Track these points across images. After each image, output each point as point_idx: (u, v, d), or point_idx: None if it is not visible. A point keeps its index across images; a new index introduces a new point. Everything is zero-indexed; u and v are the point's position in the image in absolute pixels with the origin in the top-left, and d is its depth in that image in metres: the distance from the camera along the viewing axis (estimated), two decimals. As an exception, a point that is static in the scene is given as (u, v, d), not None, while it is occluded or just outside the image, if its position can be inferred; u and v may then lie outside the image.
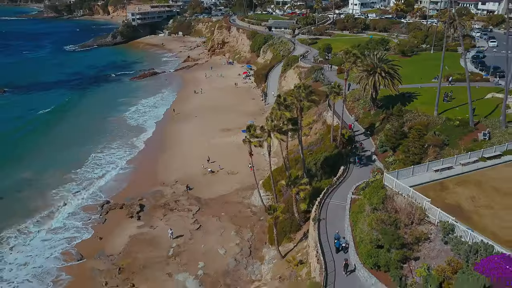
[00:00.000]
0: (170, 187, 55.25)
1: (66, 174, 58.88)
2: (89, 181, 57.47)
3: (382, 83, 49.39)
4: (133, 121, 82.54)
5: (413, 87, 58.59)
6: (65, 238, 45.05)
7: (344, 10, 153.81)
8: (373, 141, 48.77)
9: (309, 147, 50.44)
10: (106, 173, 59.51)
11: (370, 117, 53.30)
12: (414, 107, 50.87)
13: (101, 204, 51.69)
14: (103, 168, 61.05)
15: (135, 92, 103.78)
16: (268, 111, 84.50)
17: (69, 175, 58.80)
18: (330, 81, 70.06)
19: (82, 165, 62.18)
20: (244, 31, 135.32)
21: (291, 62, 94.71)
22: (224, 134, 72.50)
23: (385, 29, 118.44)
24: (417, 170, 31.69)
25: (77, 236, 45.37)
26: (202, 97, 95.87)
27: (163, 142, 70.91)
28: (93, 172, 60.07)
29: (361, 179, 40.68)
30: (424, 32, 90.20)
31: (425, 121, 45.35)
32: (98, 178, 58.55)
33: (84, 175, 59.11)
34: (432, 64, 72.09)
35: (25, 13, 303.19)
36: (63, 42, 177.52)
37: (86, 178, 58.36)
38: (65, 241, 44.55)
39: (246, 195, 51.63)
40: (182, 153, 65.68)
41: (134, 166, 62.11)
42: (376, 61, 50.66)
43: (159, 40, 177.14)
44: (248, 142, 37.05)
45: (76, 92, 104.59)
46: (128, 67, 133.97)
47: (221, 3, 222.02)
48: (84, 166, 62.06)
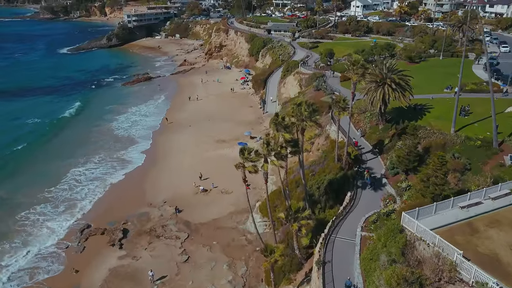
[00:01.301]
0: (158, 209, 50.24)
1: (40, 193, 53.36)
2: (66, 202, 52.05)
3: (392, 95, 44.41)
4: (121, 132, 76.90)
5: (424, 97, 53.54)
6: (34, 271, 39.96)
7: (346, 12, 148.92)
8: (382, 160, 43.79)
9: (311, 166, 45.45)
10: (87, 192, 54.18)
11: (378, 132, 48.31)
12: (427, 123, 45.88)
13: (80, 228, 46.66)
14: (83, 186, 55.59)
15: (125, 98, 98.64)
16: (266, 121, 79.91)
17: (43, 194, 53.33)
18: (333, 90, 65.18)
19: (59, 182, 56.53)
20: (242, 34, 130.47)
21: (291, 67, 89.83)
22: (219, 146, 67.51)
23: (388, 33, 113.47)
24: (440, 207, 26.74)
25: (50, 268, 40.29)
26: (197, 104, 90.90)
27: (153, 155, 65.84)
28: (71, 190, 54.58)
29: (371, 207, 35.80)
30: (431, 37, 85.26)
31: (441, 140, 40.39)
32: (77, 197, 53.07)
33: (61, 194, 53.58)
34: (442, 71, 67.21)
35: (21, 14, 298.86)
36: (57, 44, 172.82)
37: (63, 198, 52.85)
38: (34, 274, 39.46)
39: (241, 219, 46.62)
40: (173, 168, 60.69)
41: (120, 183, 56.97)
42: (385, 71, 45.68)
43: (155, 43, 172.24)
44: (242, 167, 32.02)
45: (63, 98, 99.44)
46: (122, 71, 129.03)
47: (220, 5, 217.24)
48: (62, 183, 56.42)
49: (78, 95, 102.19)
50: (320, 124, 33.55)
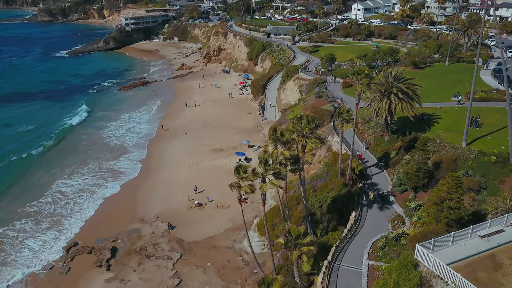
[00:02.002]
0: (150, 225, 47.32)
1: (21, 208, 49.99)
2: (50, 217, 48.75)
3: (399, 106, 41.61)
4: (112, 140, 73.59)
5: (431, 106, 50.72)
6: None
7: (347, 15, 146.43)
8: (388, 175, 40.95)
9: (312, 181, 42.61)
10: (73, 206, 50.87)
11: (384, 144, 45.49)
12: (436, 134, 43.08)
13: (67, 246, 43.74)
14: (69, 199, 52.30)
15: (119, 104, 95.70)
16: (265, 128, 77.10)
17: (24, 209, 50.01)
18: (335, 97, 62.41)
19: (42, 195, 53.07)
20: (241, 37, 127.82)
21: (291, 73, 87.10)
22: (216, 156, 64.63)
23: (391, 36, 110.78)
24: (458, 236, 23.87)
25: (31, 293, 37.38)
26: (194, 110, 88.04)
27: (146, 165, 62.86)
28: (56, 204, 51.19)
29: (378, 229, 33.03)
30: (436, 41, 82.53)
31: (452, 155, 37.55)
32: (62, 212, 49.65)
33: (44, 209, 50.23)
34: (449, 78, 64.41)
35: (19, 17, 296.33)
36: (54, 47, 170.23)
37: (47, 213, 49.50)
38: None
39: (237, 237, 43.72)
40: (167, 180, 57.76)
41: (110, 196, 54.01)
42: (391, 79, 42.90)
43: (153, 46, 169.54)
44: (237, 187, 29.21)
45: (55, 104, 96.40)
46: (118, 75, 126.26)
47: (219, 7, 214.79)
48: (45, 196, 52.95)
49: (71, 101, 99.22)
50: (322, 140, 30.70)
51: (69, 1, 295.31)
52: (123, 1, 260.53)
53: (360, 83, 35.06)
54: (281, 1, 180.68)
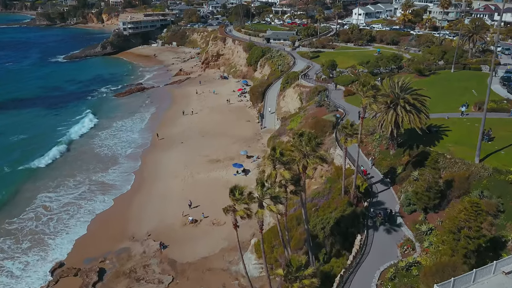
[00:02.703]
0: (141, 244, 44.54)
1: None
2: (31, 235, 45.47)
3: (406, 118, 38.95)
4: (103, 150, 70.54)
5: (438, 117, 48.06)
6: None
7: (348, 20, 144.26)
8: (395, 193, 38.23)
9: (314, 199, 39.88)
10: (56, 223, 47.57)
11: (389, 158, 42.79)
12: (445, 148, 40.39)
13: (51, 268, 40.92)
14: (54, 214, 48.98)
15: (114, 111, 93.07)
16: (264, 137, 74.42)
17: (3, 226, 46.74)
18: (337, 106, 59.77)
19: (23, 211, 49.58)
20: (240, 42, 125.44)
21: (290, 79, 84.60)
22: (212, 167, 61.91)
23: (393, 42, 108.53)
24: (480, 274, 21.14)
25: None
26: (191, 118, 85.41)
27: (140, 177, 60.13)
28: (38, 220, 47.75)
29: (386, 256, 30.29)
30: (441, 47, 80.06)
31: (465, 172, 34.85)
32: (45, 230, 46.27)
33: (25, 225, 46.75)
34: (456, 86, 61.83)
35: (18, 21, 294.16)
36: (51, 52, 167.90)
37: (28, 230, 46.07)
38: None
39: (233, 258, 40.93)
40: (161, 193, 55.00)
41: (99, 212, 51.19)
42: (397, 90, 40.29)
43: (151, 51, 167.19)
44: (232, 212, 26.49)
45: (50, 112, 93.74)
46: (114, 80, 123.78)
47: (219, 12, 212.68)
48: (27, 212, 49.35)
49: (64, 108, 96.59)
50: (325, 160, 28.00)
51: (68, 5, 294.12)
52: (122, 5, 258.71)
53: (366, 96, 32.44)
54: (280, 5, 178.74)
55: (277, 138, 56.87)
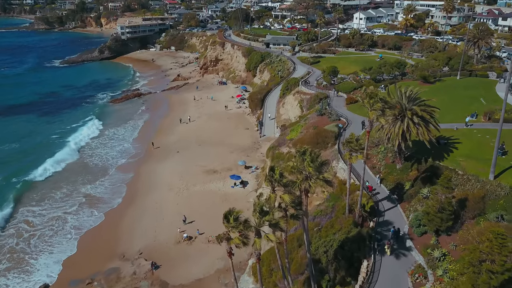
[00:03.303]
0: (131, 263, 41.85)
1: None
2: (10, 254, 42.39)
3: (414, 131, 36.41)
4: (94, 160, 67.56)
5: (447, 127, 45.45)
6: None
7: (348, 25, 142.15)
8: (403, 211, 35.57)
9: (316, 217, 37.22)
10: (37, 240, 44.42)
11: (396, 173, 40.17)
12: (456, 163, 37.83)
13: (35, 291, 38.19)
14: (37, 230, 45.79)
15: (109, 118, 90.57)
16: (263, 146, 71.80)
17: None
18: (339, 115, 57.21)
19: (4, 226, 46.66)
20: (239, 47, 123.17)
21: (290, 86, 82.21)
22: (209, 178, 59.28)
23: (395, 47, 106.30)
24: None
25: None
26: (188, 126, 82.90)
27: (132, 189, 57.38)
28: (19, 237, 44.51)
29: (395, 284, 27.60)
30: (446, 53, 77.67)
31: (480, 191, 32.24)
32: (25, 249, 43.14)
33: (6, 243, 43.67)
34: (463, 94, 59.33)
35: (16, 25, 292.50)
36: (48, 56, 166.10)
37: (9, 249, 43.06)
38: None
39: (229, 280, 38.26)
40: (154, 206, 52.35)
41: (88, 228, 48.42)
42: (405, 101, 37.77)
43: (149, 55, 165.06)
44: (226, 240, 23.88)
45: (42, 119, 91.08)
46: (111, 86, 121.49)
47: (218, 16, 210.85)
48: (8, 228, 46.33)
49: (58, 114, 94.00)
50: (330, 182, 25.39)
51: (66, 9, 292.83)
52: (120, 9, 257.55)
53: (373, 108, 29.90)
54: (280, 10, 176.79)
55: (276, 149, 54.28)
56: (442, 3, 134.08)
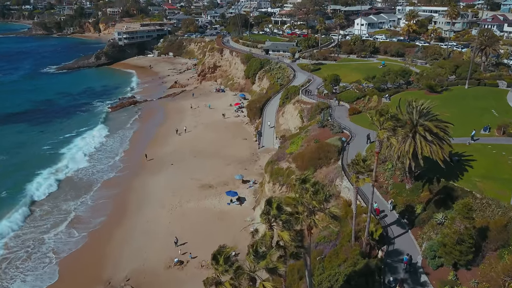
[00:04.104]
0: (117, 292, 38.33)
1: None
2: None
3: (427, 150, 33.14)
4: (78, 173, 63.51)
5: (458, 142, 42.12)
6: None
7: (350, 31, 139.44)
8: (415, 239, 32.19)
9: (319, 245, 33.85)
10: (8, 265, 40.63)
11: (405, 194, 36.82)
12: (471, 184, 34.56)
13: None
14: (12, 253, 41.85)
15: (102, 127, 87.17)
16: (262, 158, 68.51)
17: None
18: (342, 127, 53.96)
19: None
20: (238, 54, 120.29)
21: (290, 94, 79.03)
22: (203, 194, 55.86)
23: (398, 53, 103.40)
24: None
25: None
26: (184, 136, 79.60)
27: (120, 206, 53.82)
28: None
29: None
30: (453, 61, 74.56)
31: (502, 219, 28.88)
32: None
33: None
34: (472, 105, 56.07)
35: (14, 30, 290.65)
36: (44, 62, 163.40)
37: None
38: None
39: (223, 313, 34.56)
40: (144, 226, 48.84)
41: (70, 251, 44.76)
42: (416, 116, 34.54)
43: (146, 62, 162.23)
44: (215, 285, 20.44)
45: (34, 128, 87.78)
46: (106, 93, 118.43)
47: (217, 22, 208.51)
48: None
49: (50, 123, 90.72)
50: (337, 216, 21.94)
51: (65, 14, 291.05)
52: (119, 15, 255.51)
53: (383, 127, 26.64)
54: (280, 15, 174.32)
55: (275, 164, 50.95)
56: (445, 9, 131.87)
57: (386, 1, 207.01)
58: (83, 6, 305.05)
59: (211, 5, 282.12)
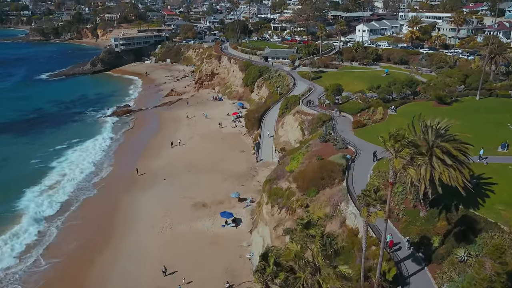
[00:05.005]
0: (95, 332, 34.17)
1: None
2: None
3: (446, 175, 29.19)
4: (56, 192, 59.34)
5: (473, 161, 38.16)
6: None
7: (351, 37, 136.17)
8: (432, 277, 28.13)
9: (322, 283, 29.65)
10: None
11: (420, 222, 32.77)
12: (494, 212, 30.66)
13: None
14: None
15: (93, 139, 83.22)
16: (260, 173, 64.30)
17: None
18: (346, 142, 50.00)
19: None
20: (236, 61, 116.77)
21: (290, 104, 75.34)
22: (197, 214, 51.77)
23: (401, 61, 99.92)
24: None
25: None
26: (178, 149, 75.62)
27: (106, 228, 49.57)
28: None
29: None
30: (461, 70, 70.83)
31: (537, 259, 24.81)
32: None
33: None
34: (486, 119, 52.12)
35: (12, 36, 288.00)
36: (39, 69, 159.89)
37: None
38: None
39: None
40: (130, 253, 44.61)
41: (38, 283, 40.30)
42: (432, 136, 30.63)
43: (143, 68, 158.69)
44: None
45: (23, 139, 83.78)
46: (101, 101, 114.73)
47: (216, 27, 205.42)
48: None
49: (40, 135, 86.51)
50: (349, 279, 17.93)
51: (63, 20, 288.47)
52: (117, 20, 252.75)
53: (400, 156, 22.72)
54: (280, 21, 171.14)
55: (274, 183, 46.92)
56: (449, 15, 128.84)
57: (387, 7, 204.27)
58: (81, 12, 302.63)
59: (210, 11, 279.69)
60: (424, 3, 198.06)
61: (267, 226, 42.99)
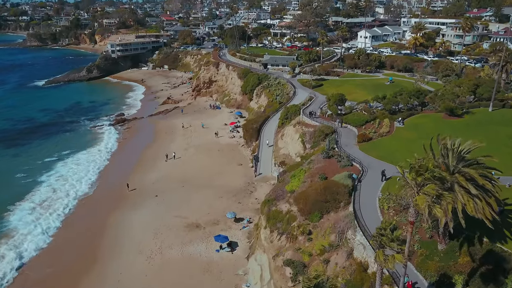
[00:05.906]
0: None
1: None
2: None
3: (470, 206, 25.25)
4: (33, 213, 54.83)
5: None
6: None
7: (353, 43, 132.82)
8: (457, 328, 24.11)
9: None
10: None
11: (438, 257, 28.75)
12: (526, 247, 26.64)
13: None
14: None
15: (84, 150, 79.40)
16: (258, 189, 60.08)
17: None
18: (351, 158, 46.05)
19: None
20: (235, 68, 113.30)
21: (290, 114, 71.65)
22: (189, 237, 47.66)
23: (405, 69, 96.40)
24: None
25: None
26: (172, 161, 71.66)
27: (89, 252, 45.39)
28: None
29: None
30: (471, 79, 67.02)
31: None
32: None
33: None
34: (501, 132, 48.27)
35: (9, 42, 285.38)
36: (33, 75, 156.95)
37: None
38: None
39: None
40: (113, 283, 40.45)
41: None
42: (453, 161, 26.71)
43: (140, 75, 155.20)
44: None
45: (9, 151, 79.75)
46: (95, 110, 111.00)
47: (215, 33, 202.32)
48: None
49: (28, 146, 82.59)
50: None
51: (61, 26, 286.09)
52: (115, 26, 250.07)
53: (425, 193, 18.83)
54: (280, 27, 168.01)
55: (273, 204, 42.94)
56: (453, 21, 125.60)
57: (388, 13, 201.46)
58: (80, 17, 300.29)
59: (209, 16, 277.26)
60: (426, 9, 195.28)
61: (265, 254, 39.00)
